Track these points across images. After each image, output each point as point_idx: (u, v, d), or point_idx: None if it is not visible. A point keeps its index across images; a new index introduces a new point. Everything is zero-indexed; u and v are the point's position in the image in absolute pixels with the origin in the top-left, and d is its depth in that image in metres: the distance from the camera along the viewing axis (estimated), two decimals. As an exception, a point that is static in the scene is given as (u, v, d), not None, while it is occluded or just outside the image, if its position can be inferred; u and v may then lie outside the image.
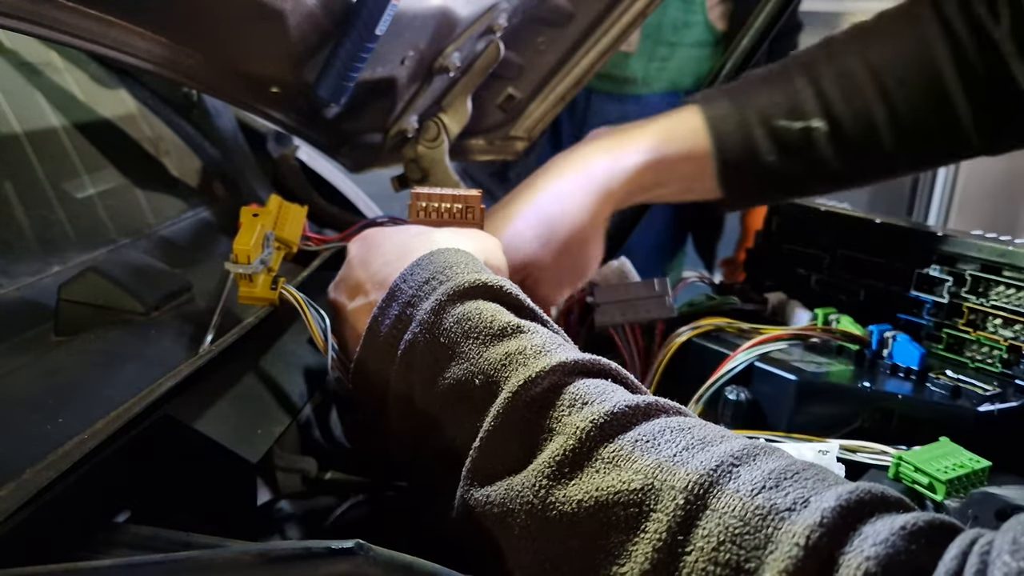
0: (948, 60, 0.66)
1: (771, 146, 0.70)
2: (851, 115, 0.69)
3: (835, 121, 0.69)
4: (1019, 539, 0.28)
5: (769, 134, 0.70)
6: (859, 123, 0.69)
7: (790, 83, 0.70)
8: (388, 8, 0.59)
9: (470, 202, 0.63)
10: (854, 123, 0.69)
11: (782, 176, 0.71)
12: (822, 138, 0.69)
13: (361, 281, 0.54)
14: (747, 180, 0.72)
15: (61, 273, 0.60)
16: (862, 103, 0.68)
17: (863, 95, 0.68)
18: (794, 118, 0.69)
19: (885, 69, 0.68)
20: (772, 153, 0.70)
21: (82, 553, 0.40)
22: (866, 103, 0.68)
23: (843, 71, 0.69)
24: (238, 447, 0.47)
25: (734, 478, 0.35)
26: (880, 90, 0.68)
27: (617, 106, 1.58)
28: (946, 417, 0.58)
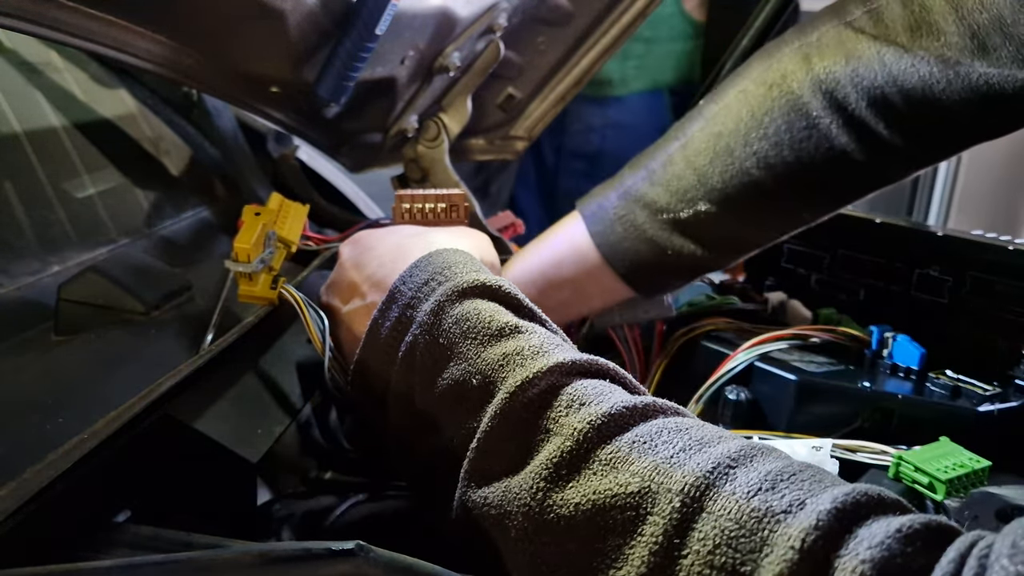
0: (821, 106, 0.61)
1: (666, 240, 0.66)
2: (736, 189, 0.64)
3: (721, 201, 0.65)
4: (1018, 543, 0.28)
5: (660, 228, 0.66)
6: (746, 194, 0.64)
7: (669, 169, 0.66)
8: (388, 8, 0.59)
9: (454, 200, 0.63)
10: (741, 196, 0.64)
11: (686, 262, 0.67)
12: (713, 219, 0.65)
13: (356, 283, 0.54)
14: (652, 274, 0.69)
15: (61, 273, 0.60)
16: (743, 175, 0.64)
17: (742, 167, 0.63)
18: (680, 208, 0.65)
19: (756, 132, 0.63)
20: (669, 247, 0.66)
21: (82, 553, 0.40)
22: (747, 173, 0.63)
23: (716, 144, 0.65)
24: (238, 447, 0.47)
25: (730, 480, 0.35)
26: (757, 157, 0.63)
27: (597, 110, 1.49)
28: (946, 417, 0.58)
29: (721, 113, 0.66)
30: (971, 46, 0.57)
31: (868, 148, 0.62)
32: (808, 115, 0.62)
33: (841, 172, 0.63)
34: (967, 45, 0.57)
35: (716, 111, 0.66)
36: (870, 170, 0.64)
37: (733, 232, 0.67)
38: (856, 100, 0.60)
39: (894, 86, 0.59)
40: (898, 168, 0.64)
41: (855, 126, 0.61)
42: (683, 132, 0.68)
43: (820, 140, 0.62)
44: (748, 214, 0.66)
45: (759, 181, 0.64)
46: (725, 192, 0.64)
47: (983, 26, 0.56)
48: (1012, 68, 0.55)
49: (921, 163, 0.64)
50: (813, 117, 0.62)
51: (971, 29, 0.56)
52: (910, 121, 0.60)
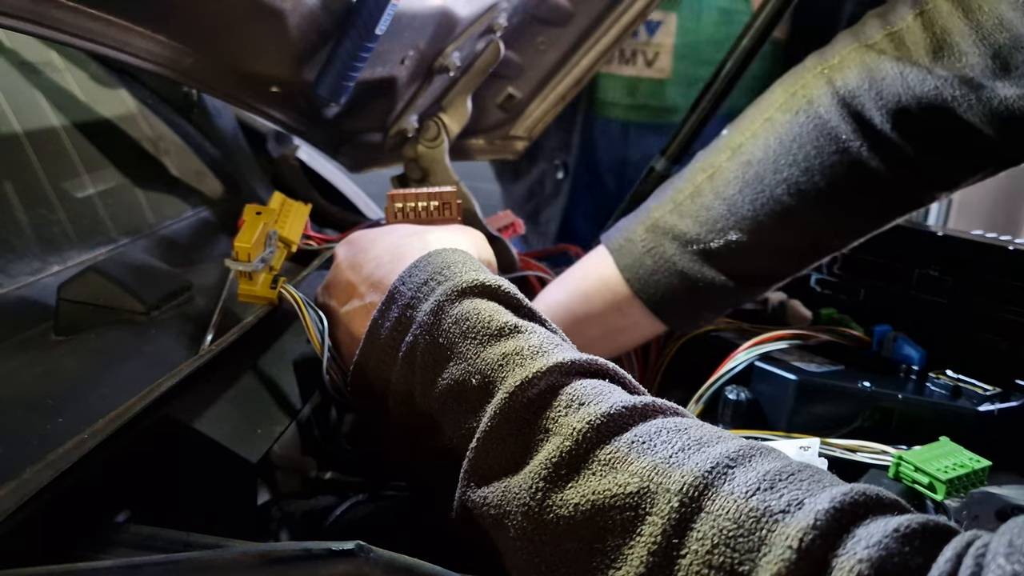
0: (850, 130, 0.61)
1: (699, 269, 0.65)
2: (767, 217, 0.63)
3: (752, 231, 0.64)
4: (1015, 542, 0.28)
5: (692, 258, 0.66)
6: (777, 223, 0.64)
7: (699, 198, 0.66)
8: (388, 8, 0.59)
9: (446, 199, 0.63)
10: (772, 224, 0.64)
11: (719, 294, 0.66)
12: (744, 249, 0.65)
13: (353, 284, 0.54)
14: (685, 308, 0.68)
15: (61, 273, 0.60)
16: (774, 203, 0.63)
17: (773, 194, 0.63)
18: (710, 239, 0.65)
19: (786, 159, 0.63)
20: (701, 278, 0.65)
21: (82, 553, 0.40)
22: (778, 201, 0.63)
23: (745, 173, 0.64)
24: (238, 447, 0.47)
25: (729, 480, 0.35)
26: (788, 184, 0.63)
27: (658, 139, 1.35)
28: (946, 417, 0.58)
29: (748, 143, 0.65)
30: (992, 66, 0.57)
31: (898, 169, 0.61)
32: (838, 139, 0.62)
33: (871, 195, 0.63)
34: (988, 65, 0.57)
35: (742, 141, 0.66)
36: (900, 193, 0.63)
37: (764, 262, 0.66)
38: (882, 121, 0.60)
39: (917, 106, 0.59)
40: (927, 191, 0.64)
41: (883, 147, 0.61)
42: (710, 163, 0.67)
43: (851, 164, 0.62)
44: (779, 242, 0.65)
45: (790, 208, 0.63)
46: (756, 220, 0.64)
47: (1004, 46, 0.56)
48: None
49: (950, 185, 0.64)
50: (843, 140, 0.61)
51: (992, 49, 0.57)
52: (936, 140, 0.60)
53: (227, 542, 0.39)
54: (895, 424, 0.59)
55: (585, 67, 0.85)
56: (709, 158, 0.68)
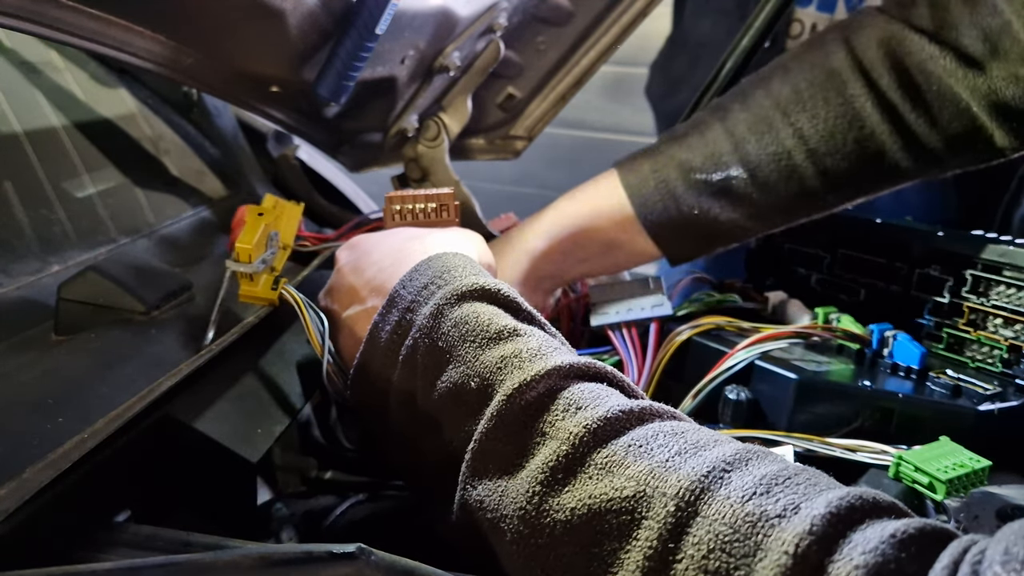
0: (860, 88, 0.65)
1: (694, 200, 0.70)
2: (767, 158, 0.68)
3: (752, 166, 0.68)
4: (1011, 549, 0.28)
5: (690, 188, 0.70)
6: (777, 164, 0.68)
7: (705, 134, 0.70)
8: (388, 7, 0.59)
9: (444, 200, 0.63)
10: (772, 165, 0.68)
11: (713, 226, 0.71)
12: (743, 185, 0.69)
13: (355, 287, 0.54)
14: (679, 235, 0.72)
15: (61, 272, 0.60)
16: (776, 144, 0.67)
17: (776, 136, 0.67)
18: (712, 170, 0.69)
19: (795, 106, 0.67)
20: (697, 207, 0.70)
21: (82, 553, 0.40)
22: (781, 143, 0.67)
23: (754, 114, 0.69)
24: (238, 447, 0.47)
25: (725, 484, 0.35)
26: (792, 128, 0.67)
27: None
28: (946, 416, 0.58)
29: (761, 90, 0.69)
30: (984, 47, 0.61)
31: (895, 133, 0.66)
32: (843, 92, 0.66)
33: (868, 157, 0.67)
34: (979, 47, 0.61)
35: (756, 89, 0.70)
36: (894, 159, 0.67)
37: (759, 203, 0.70)
38: (888, 81, 0.65)
39: (919, 70, 0.64)
40: (920, 163, 0.67)
41: (886, 108, 0.65)
42: (721, 105, 0.72)
43: (853, 118, 0.66)
44: (776, 187, 0.69)
45: (792, 152, 0.67)
46: (759, 160, 0.68)
47: (994, 30, 0.60)
48: (1017, 68, 0.60)
49: (942, 162, 0.67)
50: (849, 95, 0.66)
51: (984, 32, 0.61)
52: (932, 109, 0.64)
53: (227, 542, 0.39)
54: (895, 424, 0.59)
55: (585, 67, 0.85)
56: (722, 101, 0.72)
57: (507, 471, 0.40)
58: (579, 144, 1.65)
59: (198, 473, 0.48)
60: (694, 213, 0.70)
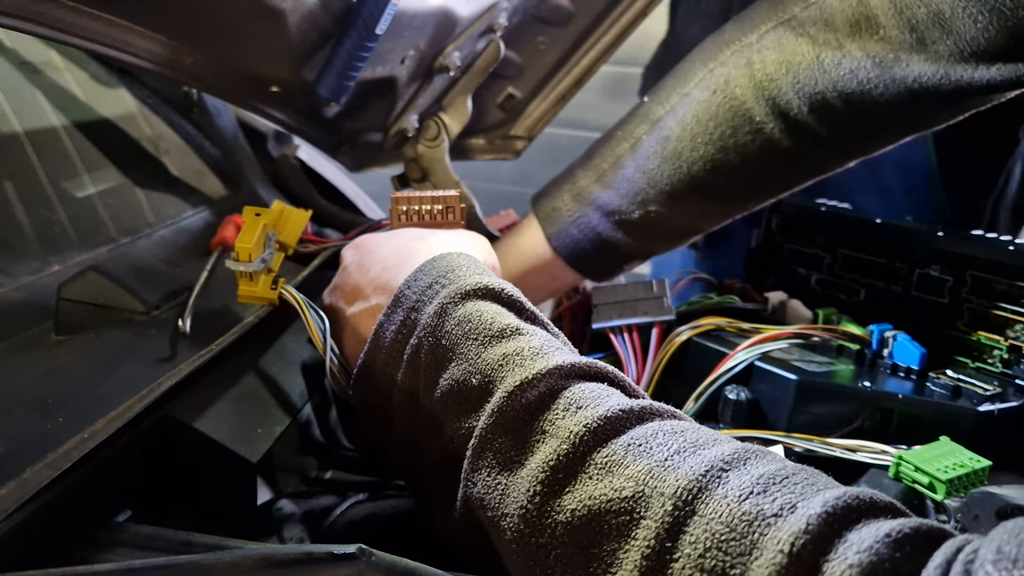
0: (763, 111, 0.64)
1: (621, 237, 0.72)
2: (684, 191, 0.69)
3: (666, 197, 0.69)
4: (1003, 548, 0.28)
5: (613, 226, 0.72)
6: (694, 194, 0.69)
7: (621, 170, 0.71)
8: (388, 7, 0.58)
9: (450, 202, 0.63)
10: (686, 192, 0.69)
11: (639, 251, 0.74)
12: (661, 215, 0.70)
13: (360, 286, 0.54)
14: (607, 264, 0.75)
15: (61, 272, 0.60)
16: (690, 176, 0.68)
17: (689, 169, 0.68)
18: (631, 210, 0.71)
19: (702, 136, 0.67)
20: (624, 241, 0.72)
21: (82, 553, 0.40)
22: (694, 176, 0.68)
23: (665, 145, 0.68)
24: (238, 446, 0.47)
25: (723, 483, 0.35)
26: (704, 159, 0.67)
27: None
28: (946, 416, 0.58)
29: (667, 117, 0.69)
30: (910, 40, 0.59)
31: (810, 148, 0.66)
32: (752, 120, 0.65)
33: (784, 169, 0.69)
34: (906, 39, 0.59)
35: (662, 114, 0.70)
36: (811, 165, 0.69)
37: (680, 225, 0.73)
38: (799, 106, 0.64)
39: (834, 91, 0.62)
40: (839, 161, 0.69)
41: (798, 129, 0.65)
42: (631, 134, 0.72)
43: (764, 143, 0.66)
44: (696, 210, 0.71)
45: (706, 183, 0.68)
46: (673, 194, 0.69)
47: (922, 20, 0.58)
48: (948, 63, 0.58)
49: (859, 156, 0.69)
50: (756, 122, 0.65)
51: (910, 23, 0.59)
52: (850, 121, 0.64)
53: (227, 542, 0.39)
54: (895, 424, 0.59)
55: (585, 67, 0.85)
56: (630, 127, 0.72)
57: (508, 468, 0.40)
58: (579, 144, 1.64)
59: (198, 473, 0.48)
60: (619, 248, 0.73)
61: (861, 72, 0.61)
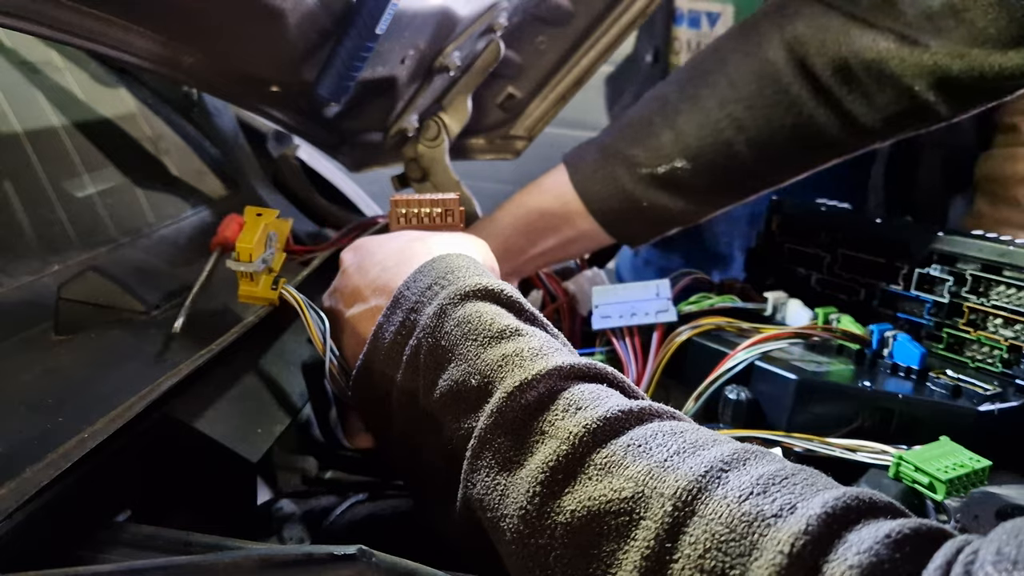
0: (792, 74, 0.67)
1: (642, 192, 0.73)
2: (709, 148, 0.70)
3: (694, 157, 0.71)
4: (1003, 549, 0.28)
5: (637, 181, 0.72)
6: (718, 154, 0.70)
7: (650, 129, 0.72)
8: (388, 7, 0.58)
9: (449, 205, 0.63)
10: (713, 155, 0.70)
11: (661, 213, 0.74)
12: (687, 175, 0.71)
13: (360, 288, 0.54)
14: (629, 223, 0.75)
15: (61, 272, 0.60)
16: (717, 135, 0.70)
17: (717, 127, 0.70)
18: (657, 163, 0.72)
19: (732, 97, 0.69)
20: (644, 199, 0.73)
21: (82, 553, 0.40)
22: (721, 134, 0.70)
23: (695, 106, 0.71)
24: (238, 446, 0.47)
25: (723, 484, 0.35)
26: (731, 119, 0.69)
27: None
28: (947, 416, 0.58)
29: (698, 77, 0.72)
30: (927, 26, 0.63)
31: (832, 115, 0.67)
32: (779, 81, 0.68)
33: (806, 138, 0.69)
34: (923, 25, 0.63)
35: (694, 76, 0.72)
36: (833, 138, 0.69)
37: (703, 190, 0.73)
38: (823, 69, 0.66)
39: (856, 58, 0.65)
40: (859, 138, 0.70)
41: (822, 93, 0.67)
42: (662, 95, 0.74)
43: (789, 105, 0.68)
44: (719, 173, 0.72)
45: (731, 141, 0.70)
46: (700, 150, 0.71)
47: (937, 10, 0.62)
48: (963, 47, 0.61)
49: (880, 135, 0.70)
50: (784, 83, 0.68)
51: (925, 12, 0.62)
52: (870, 92, 0.66)
53: (227, 542, 0.39)
54: (895, 424, 0.59)
55: (585, 67, 0.85)
56: (662, 90, 0.74)
57: (507, 469, 0.40)
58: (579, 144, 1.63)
59: (198, 473, 0.48)
60: (642, 204, 0.73)
61: (881, 43, 0.64)
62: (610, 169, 0.73)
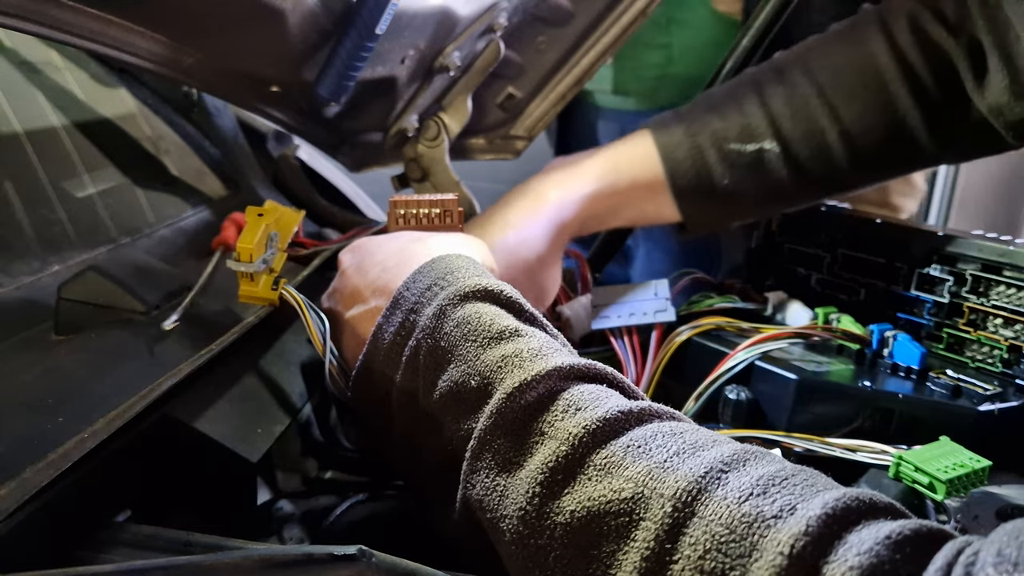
0: (895, 73, 0.67)
1: (725, 169, 0.71)
2: (801, 134, 0.70)
3: (786, 141, 0.70)
4: (1003, 551, 0.28)
5: (722, 158, 0.71)
6: (810, 141, 0.70)
7: (741, 105, 0.71)
8: (388, 7, 0.58)
9: (448, 206, 0.63)
10: (805, 142, 0.70)
11: (738, 198, 0.72)
12: (775, 159, 0.70)
13: (359, 289, 0.54)
14: (704, 204, 0.73)
15: (61, 272, 0.60)
16: (811, 122, 0.69)
17: (812, 114, 0.69)
18: (746, 141, 0.71)
19: (832, 86, 0.69)
20: (726, 176, 0.71)
21: (82, 553, 0.40)
22: (815, 121, 0.69)
23: (791, 91, 0.70)
24: (238, 446, 0.47)
25: (722, 485, 0.35)
26: (828, 107, 0.69)
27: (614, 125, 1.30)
28: (947, 416, 0.58)
29: (799, 67, 0.71)
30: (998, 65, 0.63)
31: (925, 119, 0.67)
32: (880, 76, 0.68)
33: (898, 139, 0.69)
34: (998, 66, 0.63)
35: (793, 66, 0.71)
36: (922, 145, 0.69)
37: (786, 180, 0.71)
38: (921, 67, 0.66)
39: (950, 67, 0.66)
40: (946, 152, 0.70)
41: (919, 93, 0.67)
42: (757, 79, 0.73)
43: (888, 102, 0.68)
44: (806, 164, 0.70)
45: (825, 130, 0.69)
46: (792, 136, 0.70)
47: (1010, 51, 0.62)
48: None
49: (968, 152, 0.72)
50: (885, 79, 0.68)
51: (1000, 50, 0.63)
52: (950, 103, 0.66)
53: (227, 542, 0.39)
54: (895, 424, 0.59)
55: (585, 67, 0.85)
56: (756, 74, 0.73)
57: (506, 469, 0.40)
58: (579, 144, 1.64)
59: (198, 473, 0.48)
60: (723, 183, 0.71)
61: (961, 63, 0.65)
62: (697, 139, 0.71)
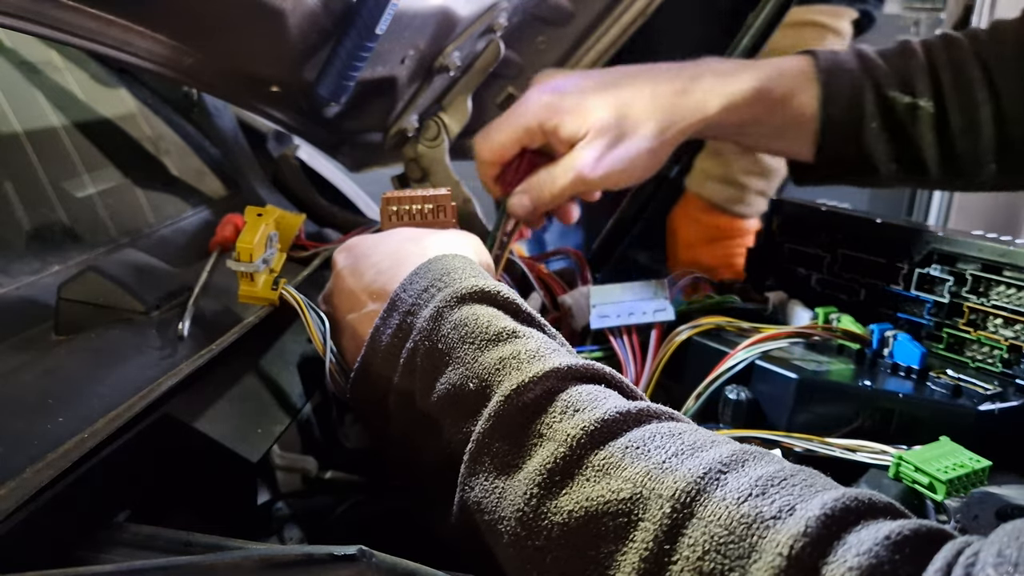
0: None
1: (876, 113, 0.69)
2: (957, 103, 0.68)
3: (942, 104, 0.68)
4: (1004, 551, 0.28)
5: (878, 103, 0.69)
6: (963, 113, 0.68)
7: (908, 59, 0.70)
8: (388, 7, 0.58)
9: (441, 201, 0.63)
10: (959, 112, 0.68)
11: (875, 150, 0.70)
12: (927, 119, 0.68)
13: (355, 291, 0.54)
14: (842, 144, 0.71)
15: (61, 272, 0.60)
16: (970, 95, 0.67)
17: (972, 88, 0.67)
18: (905, 92, 0.69)
19: (998, 66, 0.67)
20: (875, 119, 0.69)
21: (82, 553, 0.40)
22: (974, 96, 0.67)
23: (958, 64, 0.68)
24: (238, 446, 0.47)
25: (721, 485, 0.35)
26: (991, 89, 0.67)
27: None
28: (947, 416, 0.58)
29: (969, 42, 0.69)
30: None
31: None
32: None
33: None
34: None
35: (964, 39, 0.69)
36: None
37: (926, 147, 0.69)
38: None
39: None
40: None
41: None
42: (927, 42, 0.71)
43: None
44: (952, 138, 0.68)
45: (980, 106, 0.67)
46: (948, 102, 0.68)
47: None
48: None
49: None
50: None
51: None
52: None
53: (227, 542, 0.39)
54: (895, 424, 0.59)
55: (585, 67, 0.85)
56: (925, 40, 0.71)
57: (505, 472, 0.40)
58: (579, 144, 1.64)
59: (198, 473, 0.48)
60: (871, 126, 0.69)
61: None
62: (859, 75, 0.69)
